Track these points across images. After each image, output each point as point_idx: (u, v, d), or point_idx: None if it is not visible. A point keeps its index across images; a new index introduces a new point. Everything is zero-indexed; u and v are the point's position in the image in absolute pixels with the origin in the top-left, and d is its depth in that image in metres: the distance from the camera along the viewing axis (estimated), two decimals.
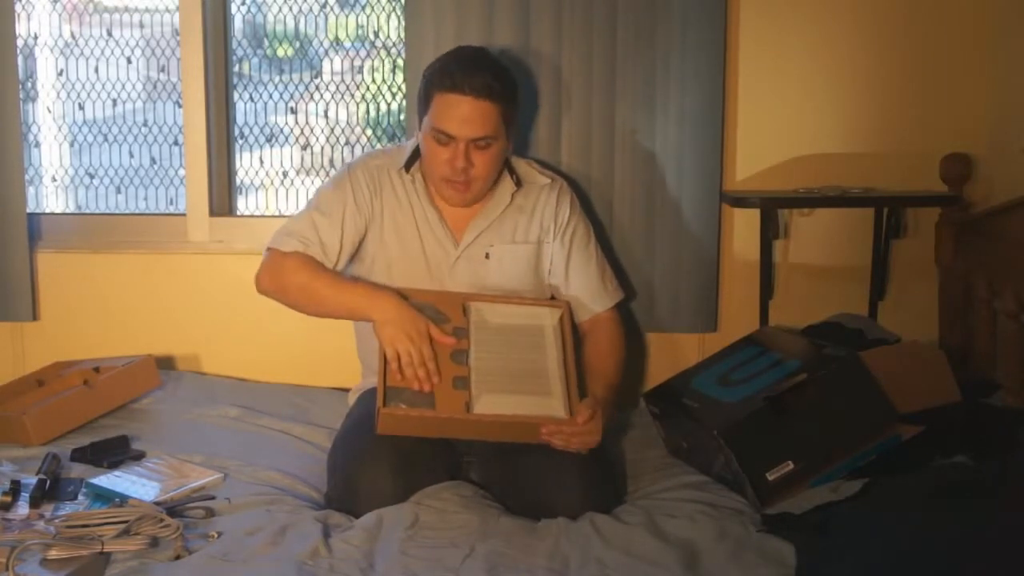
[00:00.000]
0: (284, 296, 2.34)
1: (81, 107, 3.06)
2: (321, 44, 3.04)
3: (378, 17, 3.00)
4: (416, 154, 2.39)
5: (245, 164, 3.06)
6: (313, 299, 2.30)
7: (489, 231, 2.39)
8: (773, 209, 2.75)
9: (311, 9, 3.01)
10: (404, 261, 2.37)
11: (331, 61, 3.06)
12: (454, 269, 2.37)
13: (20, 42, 2.89)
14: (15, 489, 2.07)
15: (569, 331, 2.29)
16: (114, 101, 3.06)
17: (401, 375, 2.14)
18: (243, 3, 3.00)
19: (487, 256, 2.38)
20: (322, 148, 3.06)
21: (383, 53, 3.02)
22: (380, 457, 2.10)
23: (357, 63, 3.04)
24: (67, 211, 3.10)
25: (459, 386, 2.14)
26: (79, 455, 2.31)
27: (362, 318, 2.27)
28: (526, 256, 2.41)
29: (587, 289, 2.45)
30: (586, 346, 2.41)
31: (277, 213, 3.06)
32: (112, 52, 3.04)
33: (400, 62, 2.95)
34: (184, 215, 2.95)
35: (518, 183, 2.41)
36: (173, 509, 2.01)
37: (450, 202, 2.36)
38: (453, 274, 2.37)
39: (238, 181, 3.04)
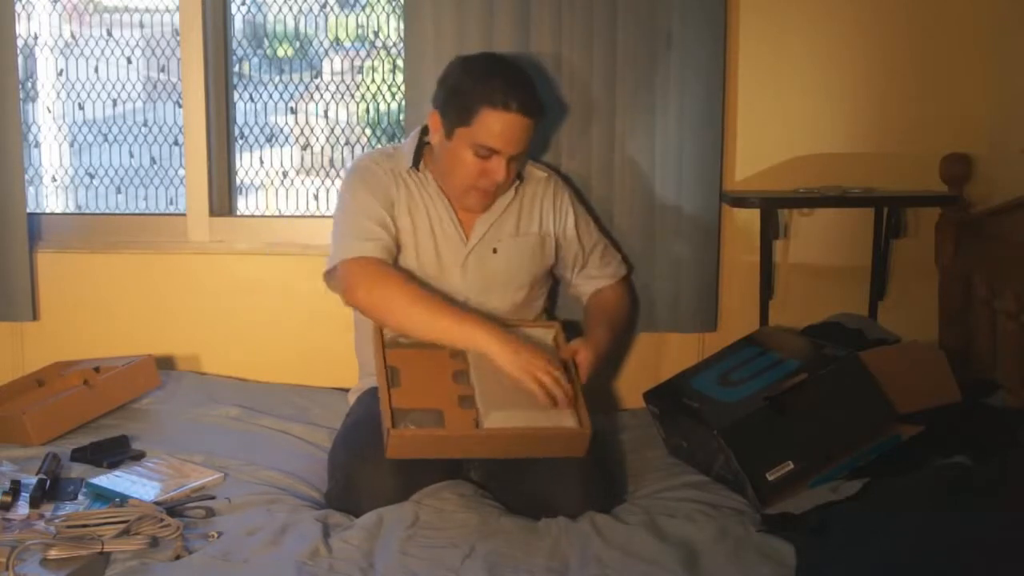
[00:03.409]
0: (382, 313, 2.25)
1: (81, 107, 3.06)
2: (321, 44, 3.04)
3: (378, 17, 3.00)
4: (419, 153, 2.40)
5: (245, 164, 3.06)
6: (418, 322, 2.22)
7: (495, 227, 2.42)
8: (773, 209, 2.75)
9: (311, 9, 3.01)
10: (418, 255, 2.38)
11: (331, 61, 3.06)
12: (465, 264, 2.40)
13: (20, 42, 2.89)
14: (15, 489, 2.07)
15: (565, 348, 2.30)
16: (114, 101, 3.06)
17: (553, 402, 2.10)
18: (243, 3, 3.00)
19: (495, 251, 2.41)
20: (322, 148, 3.06)
21: (383, 53, 3.02)
22: (380, 457, 2.10)
23: (357, 63, 3.04)
24: (67, 211, 3.10)
25: (466, 405, 2.11)
26: (79, 455, 2.31)
27: (473, 349, 2.19)
28: (530, 248, 2.45)
29: (592, 270, 2.57)
30: (587, 302, 2.55)
31: (277, 213, 3.06)
32: (112, 52, 3.04)
33: (400, 62, 2.95)
34: (184, 215, 2.95)
35: (518, 178, 2.45)
36: (173, 509, 2.01)
37: (470, 208, 2.39)
38: (464, 268, 2.39)
39: (238, 181, 3.04)
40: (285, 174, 3.08)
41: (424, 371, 2.17)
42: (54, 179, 3.11)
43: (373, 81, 3.04)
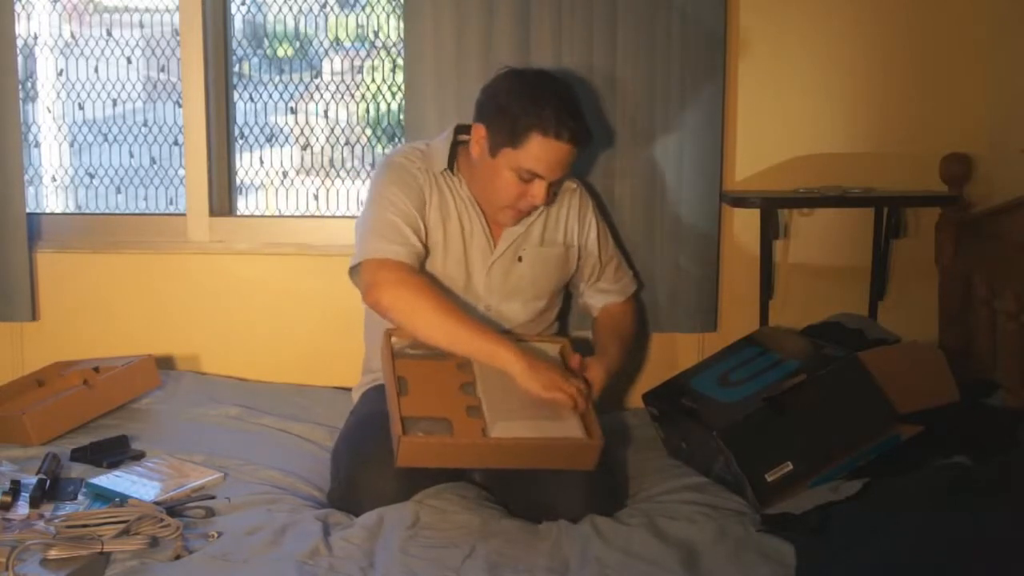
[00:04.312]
0: (404, 317, 2.23)
1: (81, 107, 3.06)
2: (321, 44, 3.04)
3: (378, 17, 3.00)
4: (452, 154, 2.38)
5: (245, 164, 3.06)
6: (441, 332, 2.20)
7: (522, 236, 2.42)
8: (773, 209, 2.75)
9: (311, 9, 3.01)
10: (445, 259, 2.37)
11: (331, 61, 3.06)
12: (490, 271, 2.39)
13: (20, 42, 2.89)
14: (15, 489, 2.07)
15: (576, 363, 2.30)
16: (114, 101, 3.06)
17: (576, 406, 2.11)
18: (243, 3, 3.00)
19: (520, 259, 2.41)
20: (322, 148, 3.06)
21: (383, 53, 3.02)
22: (383, 458, 2.09)
23: (357, 63, 3.04)
24: (67, 211, 3.10)
25: (473, 415, 2.10)
26: (79, 455, 2.31)
27: (497, 365, 2.17)
28: (555, 258, 2.46)
29: (605, 283, 2.56)
30: (598, 318, 2.56)
31: (277, 213, 3.06)
32: (112, 52, 3.04)
33: (400, 62, 2.95)
34: (184, 215, 2.95)
35: None
36: (173, 509, 2.01)
37: (501, 223, 2.39)
38: (489, 275, 2.39)
39: (238, 181, 3.04)
40: (285, 174, 3.08)
41: (431, 381, 2.16)
42: (54, 179, 3.11)
43: (373, 81, 3.04)
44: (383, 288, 2.24)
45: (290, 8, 3.01)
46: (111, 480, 2.16)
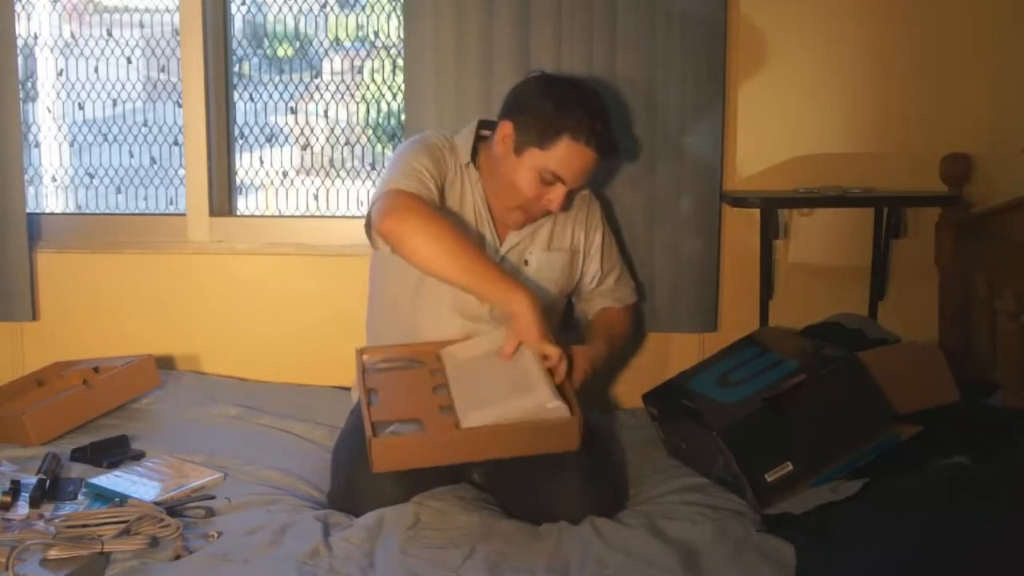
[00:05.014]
0: (420, 242, 2.14)
1: (81, 107, 3.06)
2: (321, 44, 3.04)
3: (378, 17, 3.00)
4: (475, 150, 2.38)
5: (245, 164, 3.06)
6: (455, 262, 2.13)
7: (528, 239, 2.41)
8: (773, 209, 2.75)
9: (311, 9, 3.01)
10: None
11: (331, 61, 3.06)
12: None
13: (20, 42, 2.89)
14: (15, 489, 2.07)
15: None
16: (114, 101, 3.06)
17: (553, 373, 2.10)
18: (243, 3, 3.01)
19: (526, 263, 2.41)
20: (322, 148, 3.06)
21: (383, 53, 3.02)
22: None
23: (357, 63, 3.04)
24: (67, 211, 3.10)
25: (446, 412, 2.08)
26: (79, 455, 2.31)
27: (509, 307, 2.14)
28: (561, 263, 2.45)
29: (604, 290, 2.56)
30: (592, 318, 2.56)
31: (277, 213, 3.06)
32: (112, 52, 3.04)
33: (400, 62, 2.95)
34: (184, 215, 2.96)
35: None
36: (173, 509, 2.01)
37: (509, 224, 2.38)
38: None
39: (238, 181, 3.05)
40: (285, 174, 3.08)
41: (403, 389, 2.16)
42: (54, 179, 3.11)
43: (373, 81, 3.04)
44: (402, 214, 2.15)
45: (290, 8, 3.01)
46: (111, 480, 2.16)
